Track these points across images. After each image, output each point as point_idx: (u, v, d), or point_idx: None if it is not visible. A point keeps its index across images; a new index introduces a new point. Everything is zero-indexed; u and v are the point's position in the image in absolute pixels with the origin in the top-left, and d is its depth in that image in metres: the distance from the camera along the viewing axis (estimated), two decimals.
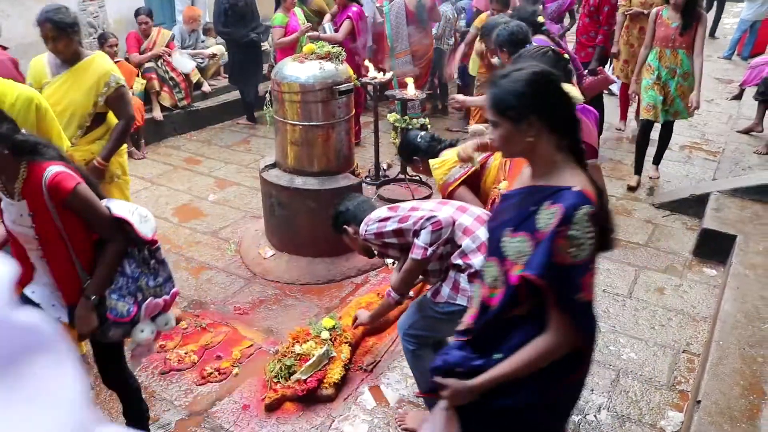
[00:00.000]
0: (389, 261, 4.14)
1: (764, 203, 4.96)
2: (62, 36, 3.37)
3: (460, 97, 4.12)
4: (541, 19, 4.41)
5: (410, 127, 5.15)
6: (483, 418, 1.87)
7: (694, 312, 4.02)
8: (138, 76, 6.87)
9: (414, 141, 3.47)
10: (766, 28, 10.69)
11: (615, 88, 7.11)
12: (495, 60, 3.90)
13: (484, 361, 1.79)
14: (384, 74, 5.72)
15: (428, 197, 5.32)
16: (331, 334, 3.44)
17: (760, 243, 4.41)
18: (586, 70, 5.83)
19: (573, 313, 1.66)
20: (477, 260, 2.44)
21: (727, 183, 5.32)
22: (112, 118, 3.70)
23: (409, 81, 5.60)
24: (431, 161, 3.31)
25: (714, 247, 4.56)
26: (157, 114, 6.97)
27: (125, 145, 3.83)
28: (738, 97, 8.18)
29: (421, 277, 2.70)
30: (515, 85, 1.68)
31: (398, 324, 2.87)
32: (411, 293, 3.09)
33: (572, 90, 2.49)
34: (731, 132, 6.72)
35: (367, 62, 5.84)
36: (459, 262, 2.50)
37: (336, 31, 6.28)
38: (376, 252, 2.86)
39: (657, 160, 5.93)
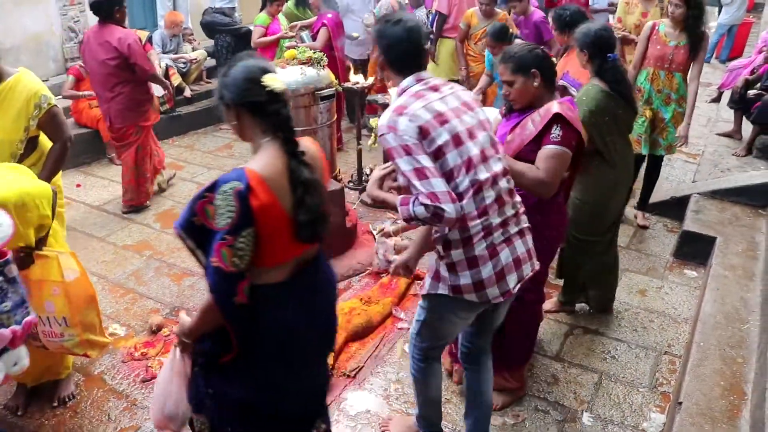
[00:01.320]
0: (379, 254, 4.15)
1: (743, 205, 5.02)
2: None
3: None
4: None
5: None
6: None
7: (675, 314, 4.06)
8: None
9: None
10: (743, 31, 10.86)
11: None
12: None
13: None
14: (366, 79, 5.73)
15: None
16: None
17: (739, 244, 4.47)
18: None
19: (207, 274, 1.91)
20: None
21: (706, 185, 5.37)
22: (45, 142, 3.33)
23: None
24: None
25: (694, 249, 4.60)
26: None
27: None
28: (717, 99, 8.27)
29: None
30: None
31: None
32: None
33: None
34: (710, 134, 6.78)
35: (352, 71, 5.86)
36: None
37: (313, 39, 6.30)
38: None
39: (642, 203, 5.21)
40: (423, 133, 2.13)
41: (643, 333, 3.86)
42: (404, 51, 2.29)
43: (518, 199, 2.44)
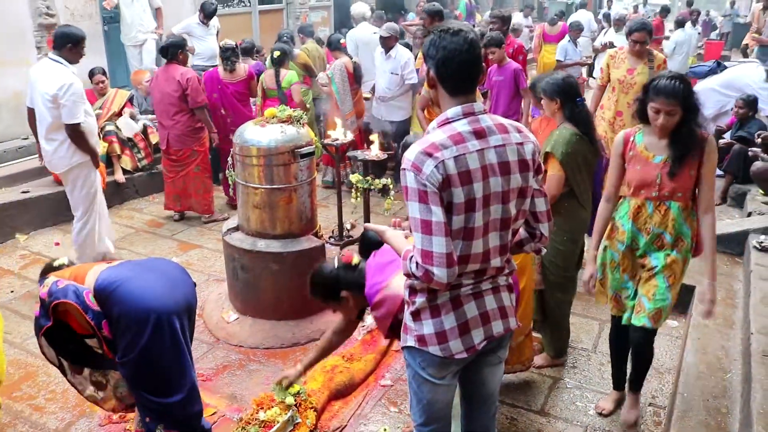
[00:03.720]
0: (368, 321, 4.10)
1: (720, 253, 5.05)
2: None
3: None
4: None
5: (372, 187, 5.19)
6: None
7: (658, 364, 4.05)
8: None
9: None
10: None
11: None
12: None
13: None
14: (346, 135, 5.80)
15: None
16: (296, 400, 3.38)
17: (718, 293, 4.47)
18: None
19: None
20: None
21: None
22: None
23: (374, 140, 5.67)
24: None
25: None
26: (119, 177, 6.92)
27: None
28: None
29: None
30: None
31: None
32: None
33: None
34: None
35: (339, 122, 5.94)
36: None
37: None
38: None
39: (635, 385, 3.48)
40: (445, 185, 1.99)
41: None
42: (463, 65, 2.06)
43: (508, 258, 2.30)
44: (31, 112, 4.84)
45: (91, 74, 7.09)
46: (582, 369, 3.98)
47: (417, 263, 2.00)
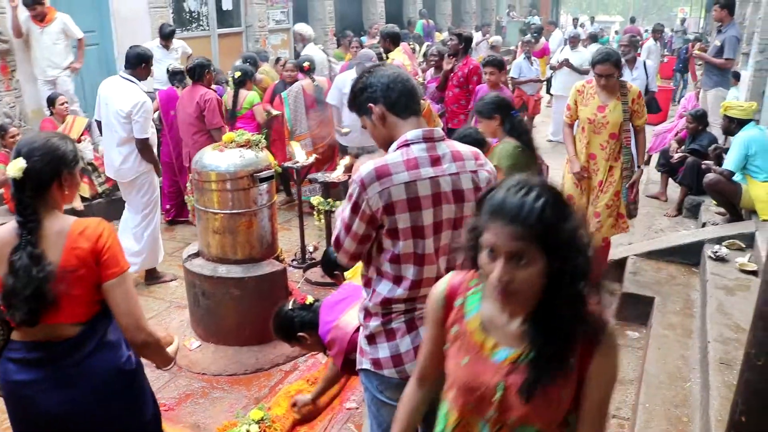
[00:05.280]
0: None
1: (678, 264, 5.19)
2: None
3: None
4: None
5: (333, 209, 5.19)
6: None
7: (620, 376, 4.09)
8: None
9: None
10: (664, 96, 11.46)
11: None
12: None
13: None
14: (307, 158, 5.79)
15: None
16: (260, 427, 3.34)
17: (677, 303, 4.59)
18: None
19: None
20: None
21: (642, 246, 5.55)
22: None
23: (340, 163, 5.67)
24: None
25: (635, 310, 4.70)
26: (77, 204, 6.77)
27: None
28: (646, 162, 8.64)
29: None
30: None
31: None
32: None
33: None
34: (642, 197, 7.05)
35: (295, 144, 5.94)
36: None
37: None
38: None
39: None
40: (387, 210, 2.04)
41: None
42: (405, 85, 2.15)
43: None
44: (98, 125, 5.33)
45: (52, 100, 6.92)
46: None
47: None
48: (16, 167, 2.08)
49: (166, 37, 8.08)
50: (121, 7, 8.62)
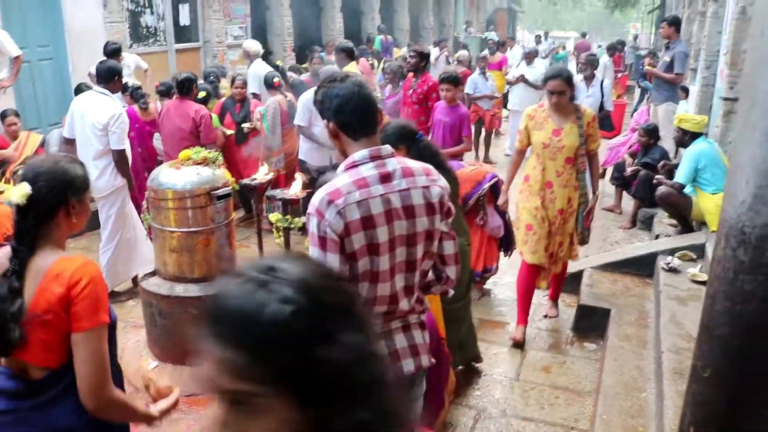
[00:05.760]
0: None
1: (632, 275, 5.30)
2: None
3: None
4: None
5: (292, 226, 5.16)
6: None
7: (579, 388, 4.15)
8: (9, 182, 6.54)
9: None
10: (619, 112, 11.74)
11: None
12: None
13: None
14: (267, 174, 5.76)
15: None
16: None
17: (632, 314, 4.68)
18: None
19: None
20: None
21: (597, 259, 5.65)
22: None
23: (298, 178, 5.64)
24: None
25: (591, 322, 4.78)
26: None
27: None
28: (601, 176, 8.82)
29: None
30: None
31: None
32: None
33: None
34: (597, 209, 7.18)
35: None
36: None
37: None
38: None
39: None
40: (346, 231, 2.03)
41: (550, 410, 3.92)
42: (357, 108, 2.12)
43: (418, 297, 2.29)
44: (71, 142, 5.32)
45: (3, 115, 6.70)
46: (505, 397, 4.04)
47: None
48: (20, 193, 1.95)
49: (109, 54, 7.76)
50: (76, 22, 8.47)
